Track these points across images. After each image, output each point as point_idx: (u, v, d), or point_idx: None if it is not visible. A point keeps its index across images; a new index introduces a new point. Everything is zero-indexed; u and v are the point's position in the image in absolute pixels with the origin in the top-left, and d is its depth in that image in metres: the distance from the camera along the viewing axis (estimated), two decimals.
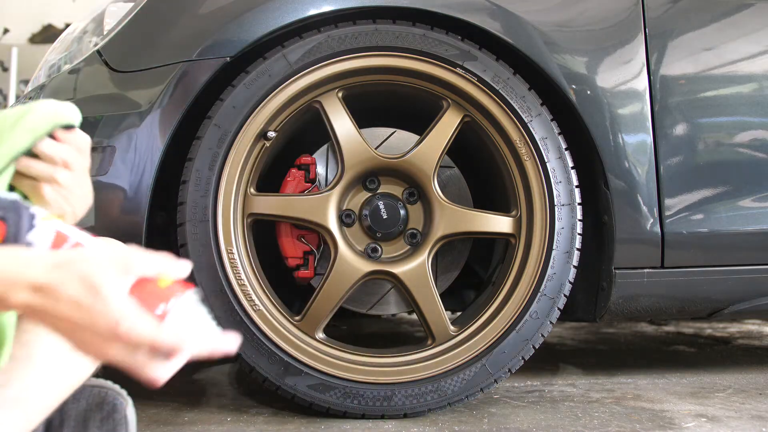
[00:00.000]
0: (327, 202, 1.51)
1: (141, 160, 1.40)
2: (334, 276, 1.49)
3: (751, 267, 1.63)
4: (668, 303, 1.62)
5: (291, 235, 1.59)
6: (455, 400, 1.50)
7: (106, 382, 0.98)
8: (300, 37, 1.47)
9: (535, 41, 1.50)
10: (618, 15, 1.56)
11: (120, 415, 0.95)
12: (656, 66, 1.55)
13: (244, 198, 1.49)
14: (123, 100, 1.44)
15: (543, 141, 1.50)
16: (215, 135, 1.45)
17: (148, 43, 1.47)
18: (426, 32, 1.49)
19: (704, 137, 1.59)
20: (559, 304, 1.50)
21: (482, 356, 1.49)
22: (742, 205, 1.60)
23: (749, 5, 1.64)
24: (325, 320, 1.51)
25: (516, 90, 1.50)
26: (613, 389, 1.80)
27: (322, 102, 1.52)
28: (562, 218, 1.50)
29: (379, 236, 1.56)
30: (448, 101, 1.53)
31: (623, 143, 1.52)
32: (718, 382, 1.90)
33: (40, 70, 1.72)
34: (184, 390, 1.80)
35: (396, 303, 1.72)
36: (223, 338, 0.67)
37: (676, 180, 1.55)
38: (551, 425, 1.45)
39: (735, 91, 1.62)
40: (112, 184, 1.40)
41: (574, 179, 1.51)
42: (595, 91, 1.52)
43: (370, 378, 1.48)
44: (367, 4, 1.47)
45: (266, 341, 1.45)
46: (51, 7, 5.96)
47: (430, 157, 1.52)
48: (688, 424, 1.47)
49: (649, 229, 1.54)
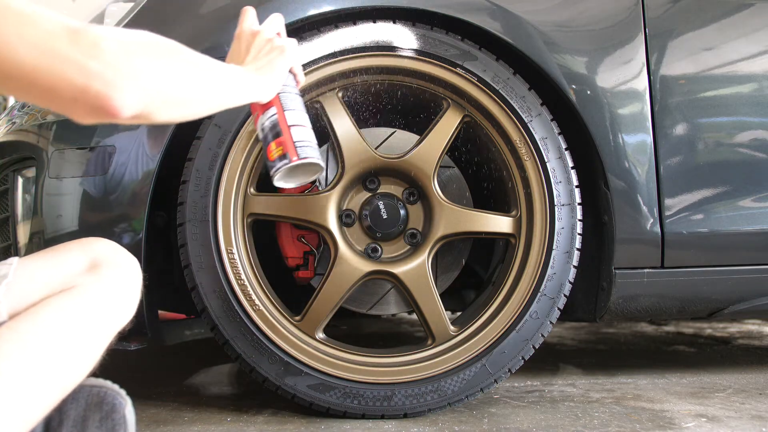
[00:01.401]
0: (327, 202, 1.51)
1: (141, 159, 1.40)
2: (334, 276, 1.50)
3: (751, 267, 1.63)
4: (668, 303, 1.62)
5: (291, 235, 1.59)
6: (455, 400, 1.50)
7: (105, 381, 0.98)
8: (300, 37, 1.48)
9: (535, 41, 1.50)
10: (618, 15, 1.56)
11: (119, 414, 0.95)
12: (656, 66, 1.55)
13: (244, 198, 1.49)
14: None
15: (543, 141, 1.50)
16: (215, 135, 1.45)
17: None
18: (426, 32, 1.49)
19: (704, 137, 1.59)
20: (559, 304, 1.51)
21: (482, 356, 1.49)
22: (742, 205, 1.60)
23: (749, 5, 1.64)
24: (325, 320, 1.51)
25: (516, 90, 1.50)
26: (613, 389, 1.80)
27: (322, 102, 1.52)
28: (562, 218, 1.50)
29: (379, 236, 1.56)
30: (448, 101, 1.53)
31: (623, 143, 1.52)
32: (718, 382, 1.90)
33: None
34: (184, 390, 1.80)
35: (396, 303, 1.72)
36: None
37: (676, 180, 1.55)
38: (551, 425, 1.45)
39: (735, 91, 1.62)
40: (112, 184, 1.40)
41: (574, 179, 1.51)
42: (595, 91, 1.52)
43: (370, 378, 1.48)
44: (367, 4, 1.47)
45: (266, 341, 1.45)
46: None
47: (430, 157, 1.52)
48: (688, 424, 1.47)
49: (649, 229, 1.54)
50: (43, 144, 1.45)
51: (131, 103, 0.76)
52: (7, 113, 1.75)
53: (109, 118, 0.76)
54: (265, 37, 1.11)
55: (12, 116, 1.63)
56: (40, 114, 1.51)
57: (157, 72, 0.80)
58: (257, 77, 1.04)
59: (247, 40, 1.12)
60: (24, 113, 1.57)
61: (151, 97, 0.79)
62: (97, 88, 0.74)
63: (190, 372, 2.05)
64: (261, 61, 1.07)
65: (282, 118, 1.08)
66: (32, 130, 1.48)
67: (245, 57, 1.10)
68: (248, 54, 1.09)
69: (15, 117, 1.60)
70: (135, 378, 1.98)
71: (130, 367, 2.16)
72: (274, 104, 1.09)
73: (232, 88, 0.97)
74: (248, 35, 1.12)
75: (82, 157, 1.42)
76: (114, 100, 0.75)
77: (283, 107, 1.09)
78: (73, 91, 0.73)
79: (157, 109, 0.81)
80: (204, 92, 0.90)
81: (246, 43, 1.11)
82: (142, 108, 0.78)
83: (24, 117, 1.55)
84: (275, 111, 1.09)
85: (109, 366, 0.99)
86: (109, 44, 0.75)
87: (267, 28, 1.13)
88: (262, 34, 1.11)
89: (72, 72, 0.73)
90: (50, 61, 0.72)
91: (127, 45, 0.77)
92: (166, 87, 0.82)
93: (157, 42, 0.83)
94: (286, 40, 1.12)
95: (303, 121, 1.11)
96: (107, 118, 0.76)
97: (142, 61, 0.78)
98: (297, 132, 1.08)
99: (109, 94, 0.74)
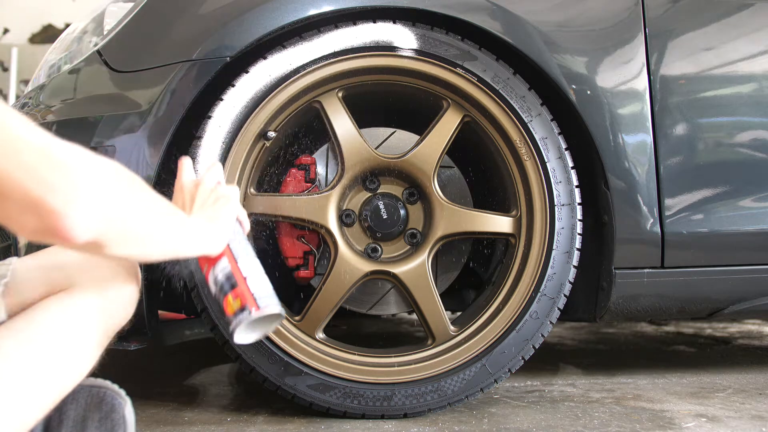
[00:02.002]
0: (327, 202, 1.51)
1: (141, 160, 1.40)
2: (334, 276, 1.50)
3: (751, 267, 1.63)
4: (668, 303, 1.62)
5: (291, 235, 1.59)
6: (455, 400, 1.50)
7: (105, 381, 0.98)
8: (300, 37, 1.48)
9: (535, 41, 1.50)
10: (618, 15, 1.56)
11: (118, 415, 0.95)
12: (656, 66, 1.55)
13: (244, 198, 1.49)
14: (123, 100, 1.44)
15: (543, 141, 1.50)
16: (215, 135, 1.45)
17: (148, 43, 1.47)
18: (426, 32, 1.49)
19: (704, 137, 1.59)
20: (559, 304, 1.51)
21: (482, 356, 1.49)
22: (742, 205, 1.60)
23: (749, 5, 1.64)
24: (325, 320, 1.51)
25: (516, 90, 1.50)
26: (613, 389, 1.80)
27: (322, 102, 1.52)
28: (562, 218, 1.50)
29: (379, 236, 1.56)
30: (448, 101, 1.53)
31: (623, 143, 1.52)
32: (718, 382, 1.90)
33: (40, 70, 1.72)
34: (184, 390, 1.80)
35: (396, 303, 1.71)
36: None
37: (676, 180, 1.55)
38: (551, 425, 1.45)
39: (735, 91, 1.62)
40: None
41: (574, 179, 1.51)
42: (595, 91, 1.52)
43: (370, 378, 1.48)
44: (367, 4, 1.47)
45: (266, 341, 1.45)
46: (51, 7, 5.96)
47: (430, 157, 1.52)
48: (688, 424, 1.47)
49: (649, 229, 1.54)
50: None
51: (87, 227, 0.71)
52: None
53: (58, 239, 0.70)
54: (208, 188, 1.07)
55: None
56: (40, 114, 1.51)
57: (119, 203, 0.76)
58: (208, 226, 1.00)
59: (190, 192, 1.07)
60: (24, 113, 1.57)
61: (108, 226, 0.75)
62: (54, 205, 0.68)
63: (190, 372, 2.05)
64: (208, 212, 1.03)
65: (236, 269, 1.02)
66: None
67: (190, 208, 1.05)
68: (193, 205, 1.05)
69: None
70: (135, 378, 1.98)
71: (130, 367, 2.16)
72: (224, 254, 1.03)
73: (187, 235, 0.93)
74: (190, 186, 1.08)
75: None
76: (70, 219, 0.69)
77: (235, 257, 1.03)
78: (27, 201, 0.67)
79: (111, 241, 0.76)
80: (160, 234, 0.86)
81: (189, 194, 1.07)
82: (97, 236, 0.73)
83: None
84: (227, 261, 1.02)
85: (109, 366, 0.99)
86: (78, 164, 0.71)
87: (208, 178, 1.09)
88: (204, 184, 1.07)
89: (31, 181, 0.67)
90: (11, 164, 0.66)
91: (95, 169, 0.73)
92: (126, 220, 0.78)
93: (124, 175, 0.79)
94: (229, 188, 1.08)
95: (257, 268, 1.05)
96: (55, 239, 0.70)
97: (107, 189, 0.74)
98: (253, 282, 1.02)
99: (65, 212, 0.69)
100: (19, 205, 0.67)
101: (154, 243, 0.85)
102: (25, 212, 0.68)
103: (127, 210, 0.78)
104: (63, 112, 1.47)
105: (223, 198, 1.05)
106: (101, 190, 0.73)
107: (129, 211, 0.78)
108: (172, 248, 0.90)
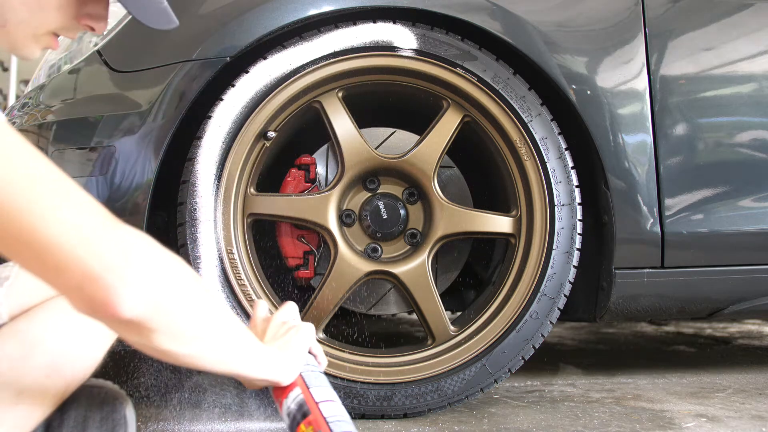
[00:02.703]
0: (327, 202, 1.51)
1: (141, 160, 1.40)
2: (334, 276, 1.50)
3: (751, 267, 1.63)
4: (668, 303, 1.62)
5: (291, 235, 1.59)
6: (455, 400, 1.50)
7: (106, 382, 0.98)
8: (300, 37, 1.48)
9: (535, 41, 1.50)
10: (618, 15, 1.56)
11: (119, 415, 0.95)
12: (656, 66, 1.55)
13: (244, 198, 1.49)
14: (123, 100, 1.44)
15: (543, 141, 1.50)
16: (216, 134, 1.45)
17: (148, 42, 1.47)
18: (426, 32, 1.49)
19: (704, 137, 1.59)
20: (559, 304, 1.51)
21: (482, 356, 1.49)
22: (742, 205, 1.60)
23: (749, 5, 1.64)
24: (325, 320, 1.51)
25: (516, 90, 1.50)
26: (613, 389, 1.80)
27: (322, 102, 1.52)
28: (562, 218, 1.50)
29: (379, 236, 1.56)
30: (448, 101, 1.53)
31: (623, 143, 1.52)
32: (718, 382, 1.90)
33: (40, 70, 1.72)
34: (184, 390, 1.80)
35: (396, 303, 1.72)
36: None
37: (676, 180, 1.55)
38: (551, 425, 1.45)
39: (735, 91, 1.62)
40: (112, 184, 1.40)
41: (574, 179, 1.51)
42: (595, 91, 1.52)
43: (370, 378, 1.48)
44: (367, 4, 1.47)
45: None
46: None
47: (430, 157, 1.52)
48: (688, 424, 1.47)
49: (649, 229, 1.54)
50: (43, 144, 1.45)
51: (134, 305, 0.71)
52: (6, 113, 1.75)
53: (104, 314, 0.71)
54: (280, 320, 1.08)
55: (12, 116, 1.63)
56: (40, 114, 1.50)
57: (173, 292, 0.76)
58: (279, 353, 0.99)
59: (261, 326, 1.08)
60: (24, 113, 1.56)
61: (157, 309, 0.74)
62: (109, 282, 0.69)
63: (190, 372, 2.05)
64: (280, 341, 1.02)
65: (308, 396, 0.97)
66: (32, 130, 1.48)
67: (263, 338, 1.04)
68: (265, 336, 1.05)
69: (15, 117, 1.60)
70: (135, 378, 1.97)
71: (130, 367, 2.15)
72: (297, 384, 1.00)
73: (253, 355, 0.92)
74: (262, 322, 1.09)
75: (82, 158, 1.41)
76: (119, 295, 0.70)
77: (307, 385, 1.00)
78: (83, 277, 0.68)
79: (159, 327, 0.76)
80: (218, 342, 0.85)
81: (261, 329, 1.07)
82: (144, 316, 0.73)
83: (24, 117, 1.55)
84: (300, 391, 0.99)
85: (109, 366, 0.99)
86: (140, 248, 0.73)
87: (281, 313, 1.11)
88: (277, 318, 1.08)
89: (93, 259, 0.68)
90: (76, 241, 0.68)
91: (154, 255, 0.75)
92: (178, 312, 0.77)
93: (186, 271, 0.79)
94: (303, 323, 1.08)
95: (332, 396, 1.00)
96: (101, 314, 0.71)
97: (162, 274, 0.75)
98: (327, 407, 0.96)
99: (117, 287, 0.70)
100: (74, 279, 0.69)
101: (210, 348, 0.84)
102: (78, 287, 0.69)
103: (181, 302, 0.77)
104: (63, 112, 1.47)
105: (295, 329, 1.05)
106: (155, 272, 0.73)
107: (183, 303, 0.78)
108: (233, 363, 0.89)
